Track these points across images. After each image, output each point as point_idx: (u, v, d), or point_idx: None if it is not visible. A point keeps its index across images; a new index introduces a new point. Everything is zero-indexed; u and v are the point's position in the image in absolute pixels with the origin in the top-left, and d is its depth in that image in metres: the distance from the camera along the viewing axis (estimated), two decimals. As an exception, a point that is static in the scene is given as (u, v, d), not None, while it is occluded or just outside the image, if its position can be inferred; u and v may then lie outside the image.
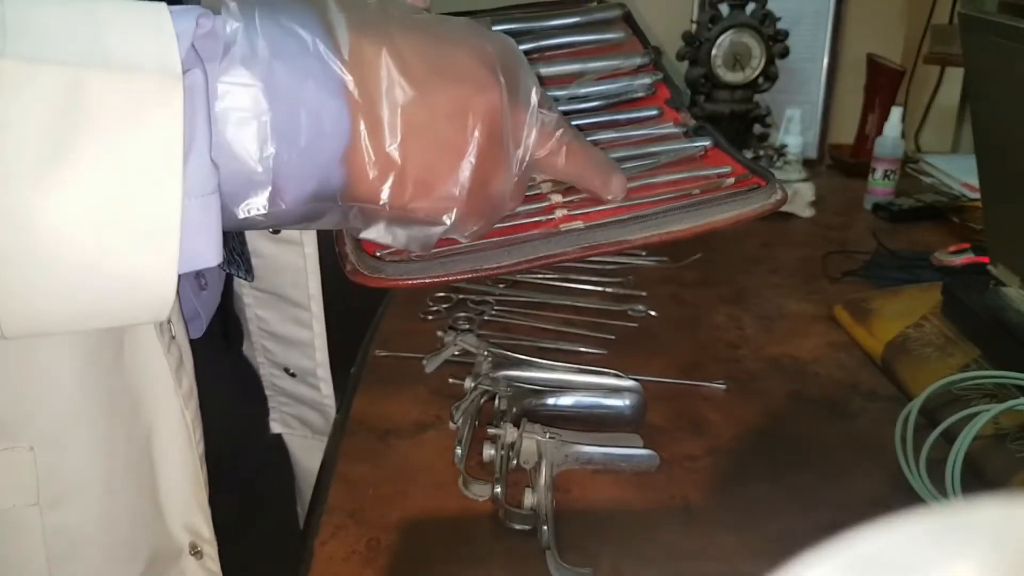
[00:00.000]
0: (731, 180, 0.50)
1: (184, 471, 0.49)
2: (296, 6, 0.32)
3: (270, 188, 0.32)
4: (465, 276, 0.44)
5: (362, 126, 0.33)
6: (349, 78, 0.32)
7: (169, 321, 0.46)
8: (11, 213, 0.27)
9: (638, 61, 0.58)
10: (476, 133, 0.36)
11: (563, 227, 0.47)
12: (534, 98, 0.38)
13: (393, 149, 0.34)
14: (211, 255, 0.31)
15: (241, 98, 0.30)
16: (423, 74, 0.34)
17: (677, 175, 0.50)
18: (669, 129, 0.55)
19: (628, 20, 0.63)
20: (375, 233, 0.38)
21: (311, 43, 0.32)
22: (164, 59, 0.28)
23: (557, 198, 0.49)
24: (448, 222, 0.37)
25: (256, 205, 0.32)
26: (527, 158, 0.39)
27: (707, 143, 0.53)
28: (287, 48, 0.31)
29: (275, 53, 0.31)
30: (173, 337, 0.47)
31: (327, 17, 0.33)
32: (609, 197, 0.45)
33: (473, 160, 0.36)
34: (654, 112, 0.57)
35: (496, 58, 0.37)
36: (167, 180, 0.28)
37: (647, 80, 0.58)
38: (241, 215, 0.32)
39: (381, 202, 0.35)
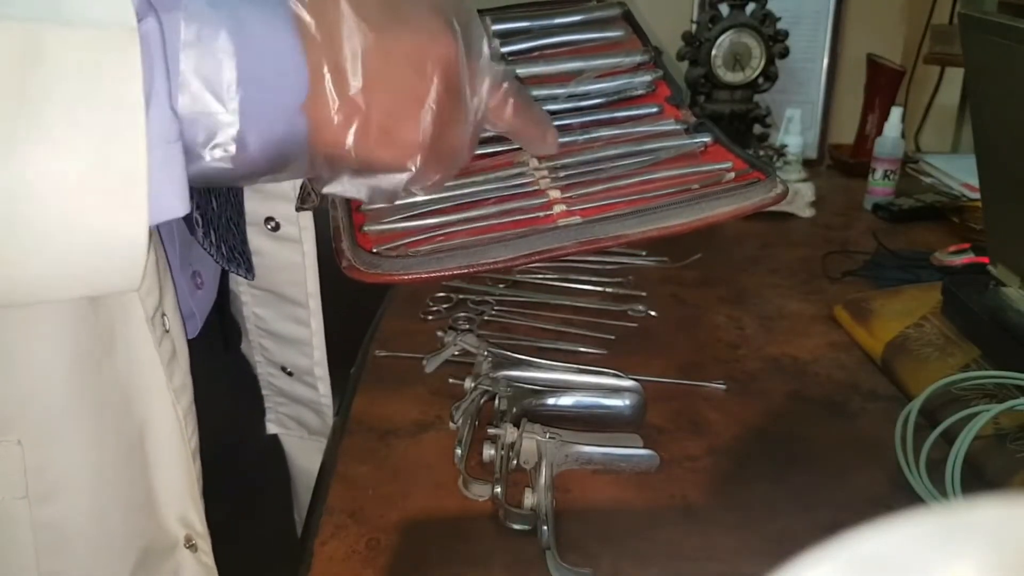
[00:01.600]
0: (731, 175, 0.50)
1: (177, 465, 0.49)
2: None
3: (236, 128, 0.32)
4: (462, 271, 0.44)
5: (325, 70, 0.33)
6: (311, 21, 0.33)
7: (163, 315, 0.46)
8: None
9: (638, 59, 0.58)
10: (435, 80, 0.36)
11: (561, 222, 0.47)
12: (486, 49, 0.39)
13: (356, 94, 0.34)
14: (178, 205, 0.31)
15: (206, 38, 0.30)
16: (382, 20, 0.34)
17: (677, 171, 0.50)
18: (670, 126, 0.55)
19: (628, 18, 0.63)
20: (340, 186, 0.38)
21: None
22: (117, 11, 0.28)
23: (556, 194, 0.49)
24: (413, 168, 0.38)
25: (222, 145, 0.32)
26: (481, 107, 0.40)
27: (707, 139, 0.53)
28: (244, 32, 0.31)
29: None
30: (167, 331, 0.47)
31: None
32: (545, 152, 0.47)
33: (434, 106, 0.36)
34: (654, 109, 0.57)
35: (450, 10, 0.37)
36: (129, 132, 0.28)
37: (647, 78, 0.58)
38: (207, 158, 0.32)
39: (346, 147, 0.35)
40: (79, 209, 0.28)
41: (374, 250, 0.44)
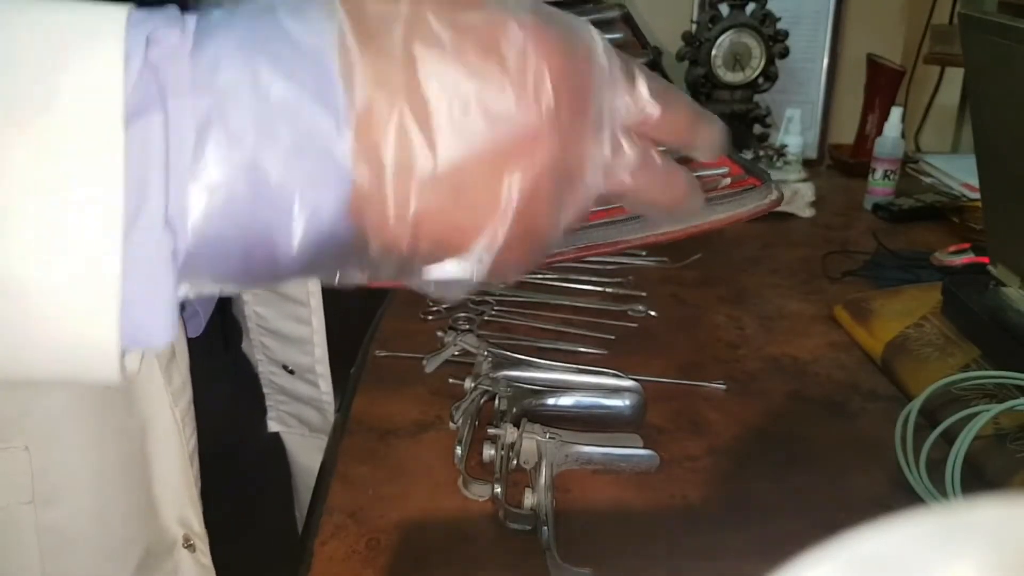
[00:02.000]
0: (728, 180, 0.50)
1: (176, 467, 0.49)
2: (293, 45, 0.25)
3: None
4: None
5: (365, 204, 0.26)
6: (352, 162, 0.26)
7: None
8: None
9: (637, 61, 0.58)
10: (514, 194, 0.28)
11: None
12: (608, 122, 0.30)
13: (401, 225, 0.27)
14: (160, 333, 0.25)
15: (217, 201, 0.25)
16: (451, 127, 0.26)
17: None
18: None
19: (627, 21, 0.63)
20: (412, 283, 0.31)
21: (308, 118, 0.25)
22: (105, 102, 0.23)
23: None
24: (473, 280, 0.30)
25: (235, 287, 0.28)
26: (588, 200, 0.31)
27: None
28: (276, 127, 0.25)
29: (261, 137, 0.24)
30: None
31: (334, 56, 0.25)
32: (674, 228, 0.41)
33: (506, 224, 0.28)
34: None
35: (559, 85, 0.28)
36: (102, 250, 0.24)
37: None
38: (206, 289, 0.27)
39: (386, 269, 0.29)
40: (51, 316, 0.24)
41: None
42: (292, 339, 0.69)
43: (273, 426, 0.76)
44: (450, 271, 0.29)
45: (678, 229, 0.46)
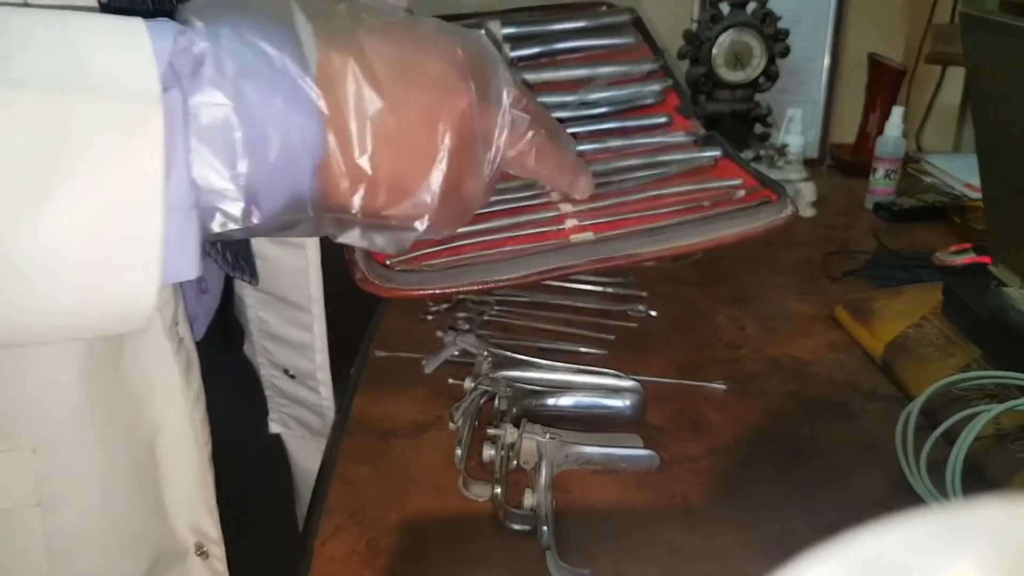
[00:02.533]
0: (742, 193, 0.50)
1: (191, 472, 0.49)
2: (264, 19, 0.32)
3: (243, 204, 0.32)
4: (476, 287, 0.45)
5: (331, 139, 0.33)
6: (317, 93, 0.33)
7: (177, 324, 0.47)
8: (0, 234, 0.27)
9: (647, 67, 0.58)
10: (446, 139, 0.36)
11: (573, 238, 0.47)
12: (505, 99, 0.39)
13: (363, 160, 0.34)
14: (190, 268, 0.32)
15: (212, 118, 0.31)
16: (392, 82, 0.34)
17: (687, 186, 0.50)
18: (679, 138, 0.55)
19: (638, 25, 0.62)
20: (350, 238, 0.38)
21: (279, 60, 0.32)
22: (143, 82, 0.29)
23: (567, 207, 0.49)
24: (420, 228, 0.37)
25: (230, 221, 0.32)
26: (498, 159, 0.39)
27: (717, 153, 0.53)
28: (255, 66, 0.32)
29: (242, 72, 0.31)
30: (181, 340, 0.47)
31: (294, 29, 0.33)
32: (576, 196, 0.46)
33: (444, 166, 0.36)
34: (663, 119, 0.57)
35: (466, 60, 0.37)
36: (148, 200, 0.29)
37: (656, 87, 0.58)
38: (215, 227, 0.32)
39: (353, 211, 0.35)
40: (94, 269, 0.29)
41: (387, 263, 0.45)
42: (293, 344, 0.70)
43: (274, 428, 0.76)
44: (403, 211, 0.36)
45: (691, 243, 0.46)
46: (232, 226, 0.33)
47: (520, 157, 0.41)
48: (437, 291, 0.44)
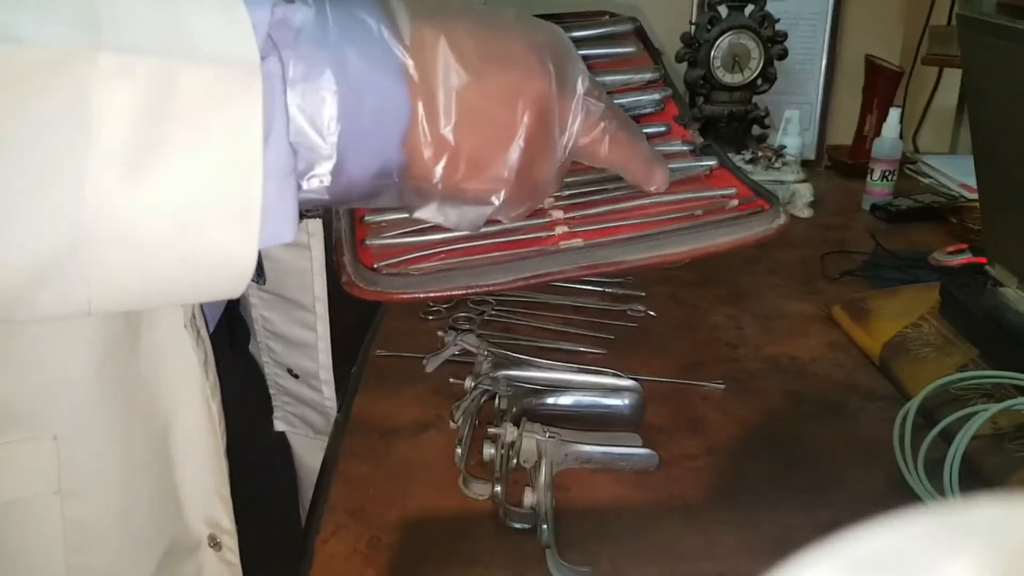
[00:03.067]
0: (735, 202, 0.50)
1: (207, 463, 0.50)
2: None
3: (334, 162, 0.33)
4: (461, 292, 0.45)
5: (420, 108, 0.35)
6: (410, 62, 0.34)
7: (195, 318, 0.47)
8: (103, 199, 0.28)
9: (648, 76, 0.58)
10: (525, 118, 0.37)
11: (563, 244, 0.47)
12: (580, 87, 0.39)
13: (447, 131, 0.35)
14: (287, 231, 0.32)
15: (312, 75, 0.32)
16: (477, 60, 0.36)
17: (681, 195, 0.50)
18: (677, 147, 0.55)
19: (639, 34, 0.62)
20: (428, 212, 0.39)
21: (376, 29, 0.33)
22: (244, 50, 0.29)
23: (558, 214, 0.49)
24: (496, 202, 0.38)
25: (319, 176, 0.33)
26: (571, 144, 0.40)
27: (713, 163, 0.53)
28: (355, 32, 0.33)
29: (344, 36, 0.32)
30: (198, 332, 0.48)
31: (390, 7, 0.35)
32: (651, 189, 0.46)
33: (522, 143, 0.37)
34: (662, 129, 0.57)
35: (546, 47, 0.38)
36: (248, 165, 0.30)
37: (656, 96, 0.58)
38: (304, 186, 0.33)
39: (434, 180, 0.36)
40: (197, 232, 0.30)
41: (374, 266, 0.45)
42: (297, 344, 0.70)
43: (279, 426, 0.77)
44: (481, 184, 0.37)
45: (681, 251, 0.46)
46: (320, 184, 0.33)
47: (592, 145, 0.41)
48: (421, 295, 0.44)
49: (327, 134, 0.32)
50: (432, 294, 0.44)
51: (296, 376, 0.72)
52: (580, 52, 0.52)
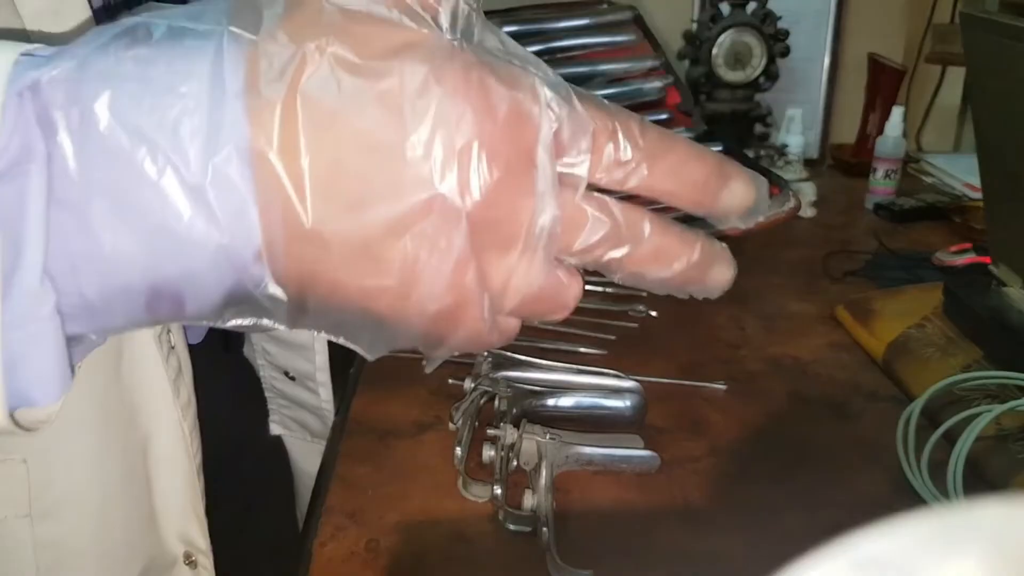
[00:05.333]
0: None
1: (181, 482, 0.49)
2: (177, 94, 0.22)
3: (144, 297, 0.24)
4: None
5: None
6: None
7: (168, 331, 0.46)
8: None
9: (648, 64, 0.58)
10: (409, 252, 0.24)
11: None
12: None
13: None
14: (49, 391, 0.24)
15: (77, 205, 0.22)
16: (324, 195, 0.23)
17: None
18: (680, 134, 0.55)
19: (639, 22, 0.62)
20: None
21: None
22: None
23: None
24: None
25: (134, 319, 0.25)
26: (541, 266, 0.25)
27: (719, 149, 0.53)
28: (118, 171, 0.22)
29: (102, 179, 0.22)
30: (172, 347, 0.47)
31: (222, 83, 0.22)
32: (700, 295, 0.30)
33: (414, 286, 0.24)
34: (664, 116, 0.57)
35: (477, 132, 0.23)
36: None
37: (658, 84, 0.58)
38: (121, 323, 0.25)
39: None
40: None
41: None
42: (294, 345, 0.69)
43: (275, 429, 0.76)
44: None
45: None
46: (143, 319, 0.25)
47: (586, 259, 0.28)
48: None
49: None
50: None
51: (292, 378, 0.71)
52: (579, 41, 0.50)
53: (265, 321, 0.26)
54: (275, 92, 0.22)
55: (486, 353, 0.64)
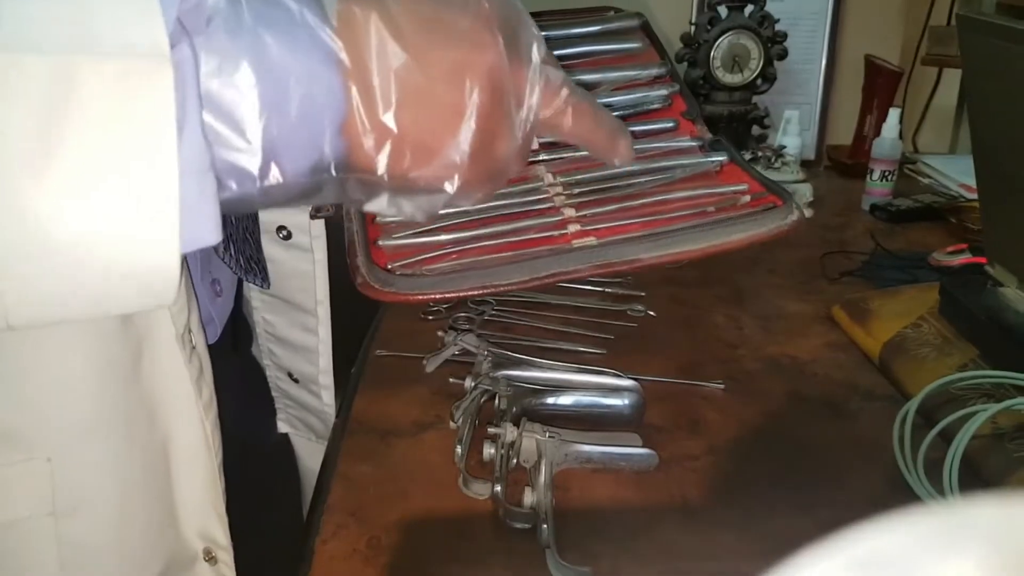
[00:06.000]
0: (747, 198, 0.50)
1: (202, 479, 0.49)
2: None
3: (259, 162, 0.30)
4: (475, 292, 0.45)
5: (355, 95, 0.32)
6: (338, 45, 0.31)
7: (190, 331, 0.47)
8: (8, 204, 0.26)
9: (655, 72, 0.58)
10: (475, 94, 0.34)
11: (576, 243, 0.47)
12: (536, 55, 0.36)
13: (388, 117, 0.32)
14: (211, 234, 0.30)
15: (227, 70, 0.29)
16: (416, 36, 0.32)
17: (693, 191, 0.50)
18: (685, 142, 0.55)
19: (646, 29, 0.62)
20: (378, 205, 0.36)
21: (298, 11, 0.30)
22: (151, 38, 0.27)
23: (570, 212, 0.49)
24: (451, 189, 0.35)
25: (247, 180, 0.30)
26: (531, 118, 0.36)
27: (723, 158, 0.53)
28: (273, 18, 0.30)
29: (260, 23, 0.29)
30: (194, 347, 0.47)
31: None
32: (616, 162, 0.42)
33: (473, 123, 0.34)
34: (670, 124, 0.57)
35: (494, 15, 0.35)
36: (161, 162, 0.27)
37: (664, 92, 0.58)
38: (233, 189, 0.30)
39: (379, 172, 0.33)
40: (111, 237, 0.28)
41: (388, 267, 0.45)
42: (298, 348, 0.69)
43: (283, 427, 0.76)
44: (432, 172, 0.34)
45: (695, 249, 0.45)
46: (250, 187, 0.30)
47: (555, 117, 0.38)
48: (437, 295, 0.44)
49: (249, 133, 0.29)
50: (448, 295, 0.44)
51: (296, 380, 0.72)
52: (586, 48, 0.51)
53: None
54: None
55: (486, 352, 0.65)
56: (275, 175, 0.31)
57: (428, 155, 0.34)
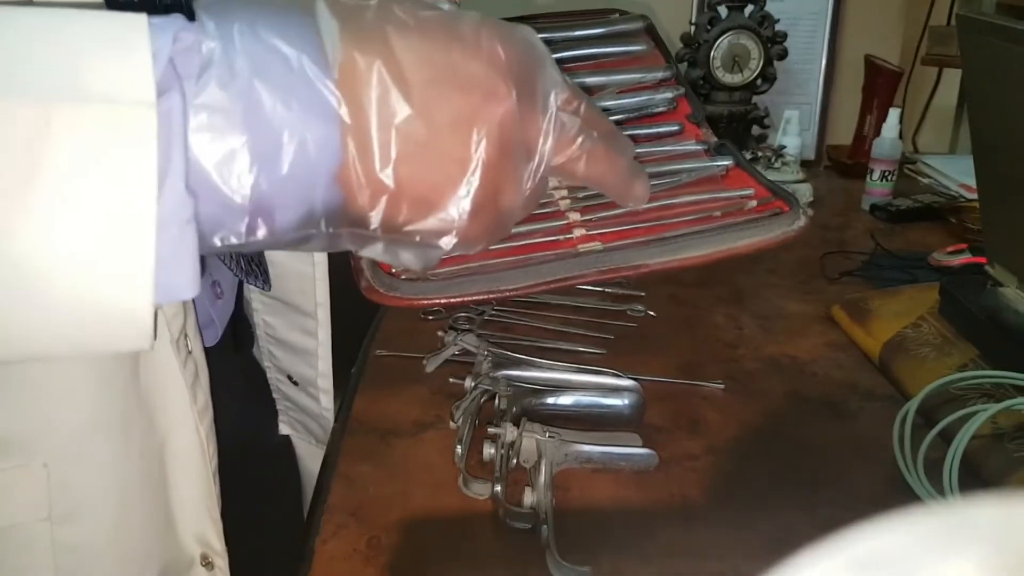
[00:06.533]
0: (753, 203, 0.49)
1: (197, 485, 0.49)
2: (283, 16, 0.30)
3: (247, 217, 0.29)
4: (481, 297, 0.44)
5: (352, 149, 0.30)
6: (337, 98, 0.30)
7: (186, 336, 0.47)
8: None
9: (660, 75, 0.58)
10: (482, 147, 0.32)
11: (581, 248, 0.46)
12: (552, 103, 0.34)
13: (386, 173, 0.31)
14: (188, 286, 0.29)
15: (216, 122, 0.28)
16: (422, 87, 0.31)
17: (698, 196, 0.49)
18: (691, 146, 0.55)
19: (651, 32, 0.62)
20: (372, 252, 0.35)
21: (296, 61, 0.29)
22: (137, 86, 0.26)
23: (575, 216, 0.49)
24: (446, 247, 0.34)
25: (232, 235, 0.30)
26: (542, 168, 0.35)
27: (729, 163, 0.53)
28: (270, 67, 0.29)
29: (256, 72, 0.28)
30: (190, 352, 0.47)
31: (317, 27, 0.30)
32: (631, 205, 0.41)
33: (478, 177, 0.32)
34: (675, 127, 0.57)
35: (509, 60, 0.33)
36: (138, 212, 0.27)
37: (669, 94, 0.57)
38: (217, 243, 0.30)
39: (372, 227, 0.32)
40: (84, 284, 0.27)
41: (393, 271, 0.45)
42: (298, 350, 0.69)
43: (284, 429, 0.76)
44: (429, 226, 0.33)
45: (701, 255, 0.45)
46: (235, 241, 0.30)
47: (569, 164, 0.36)
48: (442, 300, 0.44)
49: (237, 188, 0.28)
50: (453, 299, 0.44)
51: (296, 383, 0.72)
52: (590, 50, 0.50)
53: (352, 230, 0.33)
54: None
55: (486, 352, 0.65)
56: (262, 230, 0.30)
57: (426, 209, 0.32)
